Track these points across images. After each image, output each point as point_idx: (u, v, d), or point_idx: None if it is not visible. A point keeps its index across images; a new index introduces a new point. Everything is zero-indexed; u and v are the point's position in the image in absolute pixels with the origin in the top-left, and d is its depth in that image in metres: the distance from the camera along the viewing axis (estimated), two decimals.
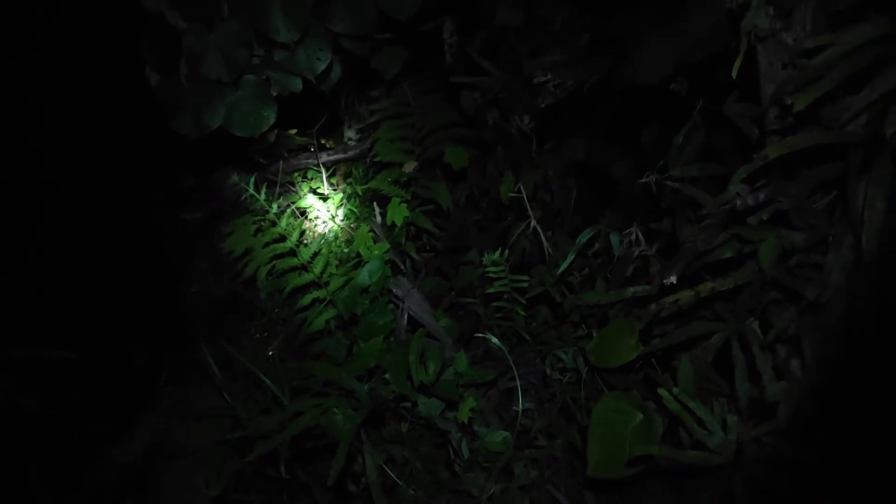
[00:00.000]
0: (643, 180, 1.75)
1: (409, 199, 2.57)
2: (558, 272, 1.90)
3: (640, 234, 1.78)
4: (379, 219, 2.59)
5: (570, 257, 1.87)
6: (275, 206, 2.45)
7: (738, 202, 1.45)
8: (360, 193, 2.96)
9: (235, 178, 2.36)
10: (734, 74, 1.49)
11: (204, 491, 1.88)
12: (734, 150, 1.86)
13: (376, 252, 2.37)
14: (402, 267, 2.49)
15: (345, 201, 2.97)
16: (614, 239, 1.82)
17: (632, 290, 1.66)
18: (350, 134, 3.10)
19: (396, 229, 2.54)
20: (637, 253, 1.75)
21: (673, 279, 1.51)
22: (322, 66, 2.28)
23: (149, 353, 2.51)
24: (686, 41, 1.97)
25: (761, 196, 1.44)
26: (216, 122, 2.22)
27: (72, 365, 2.13)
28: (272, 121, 2.29)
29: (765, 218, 1.44)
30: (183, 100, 2.20)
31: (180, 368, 2.44)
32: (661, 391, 1.45)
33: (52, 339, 2.25)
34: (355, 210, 2.92)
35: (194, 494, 1.89)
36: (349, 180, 3.05)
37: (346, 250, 2.73)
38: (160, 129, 2.33)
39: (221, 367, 2.12)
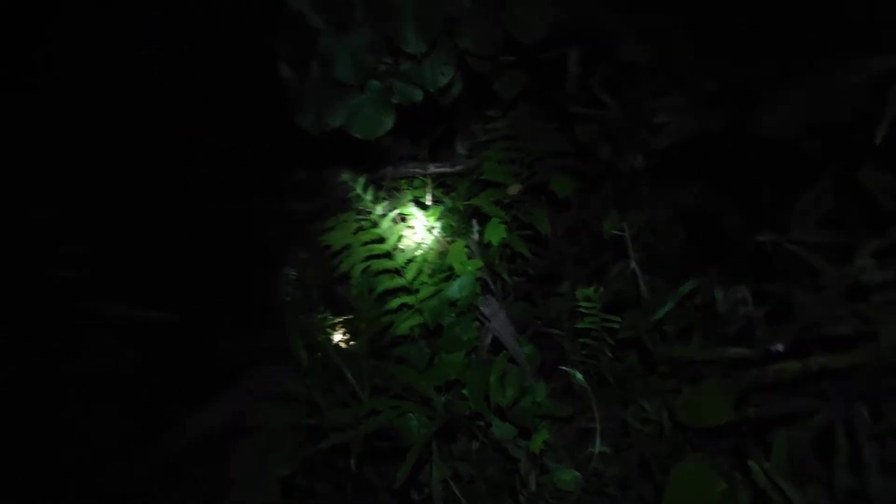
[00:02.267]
0: (759, 238, 1.68)
1: (509, 221, 2.57)
2: (654, 319, 1.84)
3: (748, 293, 1.70)
4: (476, 236, 2.62)
5: (669, 306, 1.81)
6: (379, 208, 2.53)
7: (864, 277, 1.37)
8: (460, 208, 3.00)
9: (346, 176, 2.45)
10: (877, 141, 1.41)
11: (274, 470, 1.95)
12: (864, 220, 1.75)
13: (469, 268, 2.39)
14: (493, 287, 2.50)
15: (445, 214, 3.02)
16: (719, 294, 1.75)
17: (732, 350, 1.59)
18: (460, 149, 3.15)
19: (492, 249, 2.55)
20: (742, 313, 1.68)
21: (780, 347, 1.44)
22: (444, 81, 2.34)
23: (240, 330, 2.63)
24: (822, 100, 1.88)
25: (890, 274, 1.36)
26: (337, 121, 2.32)
27: (169, 329, 2.25)
28: (389, 127, 2.37)
29: (892, 298, 1.36)
30: (309, 97, 2.32)
31: (267, 349, 2.55)
32: (751, 463, 1.38)
33: (154, 304, 2.37)
34: (453, 224, 2.96)
35: (264, 473, 1.96)
36: (452, 194, 3.10)
37: (439, 262, 2.78)
38: (279, 120, 2.47)
39: (307, 355, 2.19)
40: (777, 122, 1.95)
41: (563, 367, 1.90)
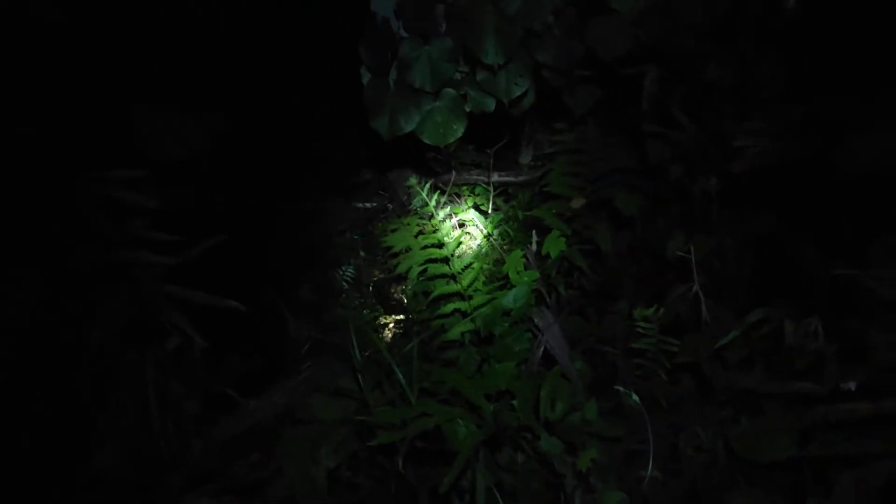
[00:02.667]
0: (838, 272, 1.62)
1: (569, 234, 2.56)
2: (716, 346, 1.80)
3: (820, 327, 1.64)
4: (535, 247, 2.61)
5: (734, 334, 1.76)
6: (440, 213, 2.56)
7: None
8: (520, 218, 3.00)
9: (412, 180, 2.49)
10: None
11: (323, 462, 1.99)
12: None
13: (525, 279, 2.39)
14: (548, 299, 2.48)
15: (504, 223, 3.03)
16: (789, 326, 1.69)
17: (798, 385, 1.53)
18: (525, 159, 3.16)
19: (549, 261, 2.54)
20: (813, 347, 1.61)
21: (852, 386, 1.38)
22: (518, 92, 2.36)
23: (299, 324, 2.70)
24: None
25: None
26: (410, 126, 2.37)
27: (237, 319, 2.30)
28: (460, 134, 2.40)
29: None
30: (386, 102, 2.37)
31: (323, 344, 2.61)
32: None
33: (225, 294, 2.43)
34: (512, 233, 2.96)
35: (313, 463, 2.00)
36: (512, 203, 3.11)
37: (495, 269, 2.79)
38: (353, 122, 2.53)
39: (360, 352, 2.23)
40: (862, 154, 1.88)
41: (618, 387, 1.87)
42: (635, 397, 1.75)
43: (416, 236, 2.76)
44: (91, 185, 1.97)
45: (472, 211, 3.07)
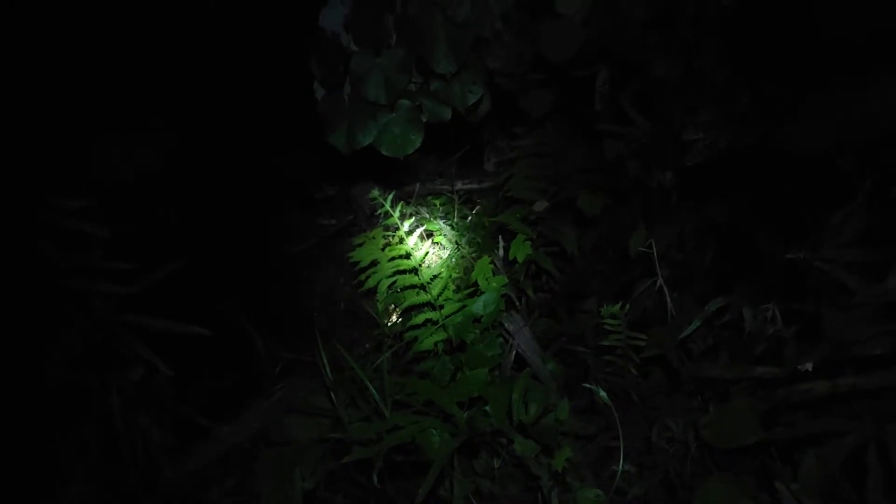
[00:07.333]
0: (790, 256, 1.65)
1: (535, 237, 2.58)
2: (680, 337, 1.82)
3: (777, 311, 1.67)
4: (501, 252, 2.62)
5: (696, 324, 1.78)
6: (406, 224, 2.56)
7: None
8: (486, 225, 3.01)
9: (375, 193, 2.47)
10: None
11: (299, 483, 1.96)
12: None
13: (494, 284, 2.39)
14: (517, 303, 2.49)
15: (471, 230, 3.03)
16: (748, 312, 1.72)
17: (760, 369, 1.56)
18: (487, 166, 3.18)
19: (517, 265, 2.55)
20: (771, 331, 1.64)
21: (809, 366, 1.41)
22: (473, 99, 2.37)
23: (269, 345, 2.67)
24: (861, 116, 1.85)
25: None
26: (367, 140, 2.37)
27: (204, 343, 2.27)
28: (418, 145, 2.41)
29: None
30: (341, 116, 2.37)
31: (295, 363, 2.58)
32: (779, 484, 1.34)
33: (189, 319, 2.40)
34: (479, 240, 2.97)
35: (290, 485, 1.98)
36: (477, 210, 3.12)
37: (464, 277, 2.79)
38: (310, 138, 2.52)
39: (332, 370, 2.21)
40: (810, 138, 1.92)
41: (587, 385, 1.88)
42: (603, 394, 1.76)
43: (382, 249, 2.75)
44: (40, 215, 1.93)
45: (439, 220, 3.08)
